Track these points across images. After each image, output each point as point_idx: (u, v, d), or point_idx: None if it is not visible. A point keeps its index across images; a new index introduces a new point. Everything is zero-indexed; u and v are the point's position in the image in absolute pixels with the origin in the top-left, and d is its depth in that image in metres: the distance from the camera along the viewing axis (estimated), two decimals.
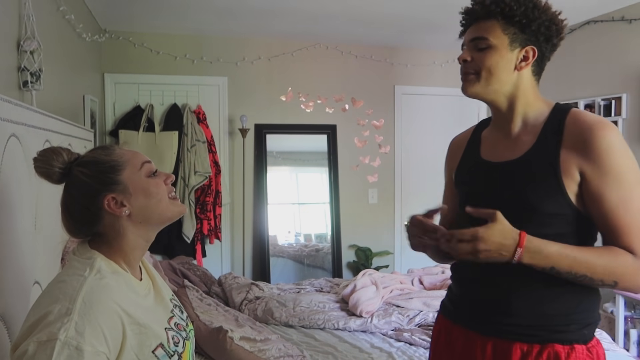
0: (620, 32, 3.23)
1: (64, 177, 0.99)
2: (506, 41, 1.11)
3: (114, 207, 0.97)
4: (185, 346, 1.02)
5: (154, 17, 3.37)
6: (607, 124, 1.05)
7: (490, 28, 1.11)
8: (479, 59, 1.12)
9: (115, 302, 0.89)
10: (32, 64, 1.83)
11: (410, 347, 2.29)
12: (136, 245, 1.01)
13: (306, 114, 4.09)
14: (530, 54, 1.12)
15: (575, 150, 1.06)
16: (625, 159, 1.04)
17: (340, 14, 3.31)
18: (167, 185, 1.04)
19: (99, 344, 0.83)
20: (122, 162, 1.00)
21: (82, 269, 0.92)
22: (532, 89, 1.15)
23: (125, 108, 3.71)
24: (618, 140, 1.04)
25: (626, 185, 1.03)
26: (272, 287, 3.01)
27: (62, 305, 0.84)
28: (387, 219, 4.30)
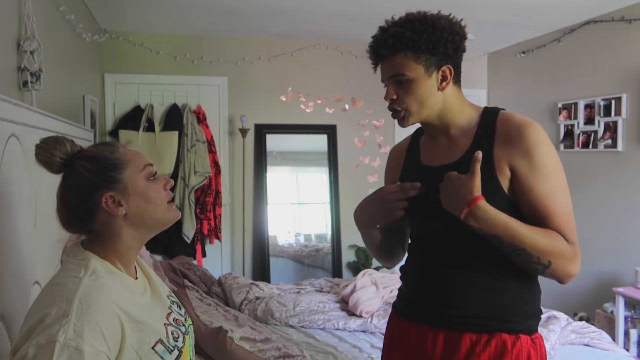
0: (620, 32, 3.23)
1: (64, 167, 0.98)
2: (422, 70, 1.14)
3: (111, 205, 0.96)
4: (185, 341, 1.03)
5: (154, 17, 3.37)
6: (533, 122, 1.13)
7: (402, 63, 1.14)
8: (404, 95, 1.16)
9: (112, 302, 0.88)
10: (32, 64, 1.83)
11: None
12: (130, 245, 1.00)
13: (306, 114, 4.08)
14: (447, 72, 1.15)
15: (506, 148, 1.13)
16: (550, 154, 1.12)
17: (340, 14, 3.31)
18: (166, 191, 1.03)
19: (98, 344, 0.83)
20: (125, 161, 0.99)
21: (77, 270, 0.92)
22: (458, 97, 1.20)
23: (125, 108, 3.71)
24: (544, 137, 1.12)
25: (553, 177, 1.11)
26: (272, 287, 3.01)
27: (59, 308, 0.84)
28: None
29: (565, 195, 1.12)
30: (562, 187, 1.12)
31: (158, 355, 0.93)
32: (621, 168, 3.16)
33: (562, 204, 1.11)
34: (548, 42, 3.74)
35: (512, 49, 4.14)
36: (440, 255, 1.20)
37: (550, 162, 1.11)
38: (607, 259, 3.31)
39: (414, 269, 1.28)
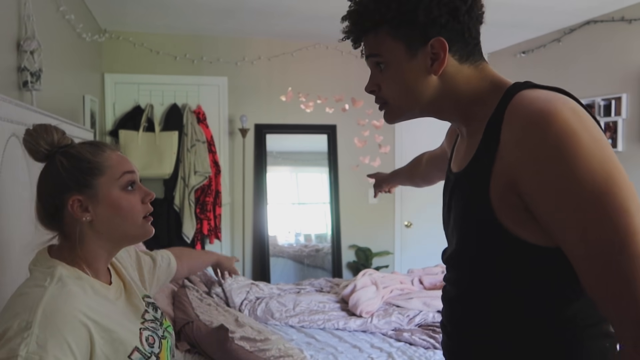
0: (620, 32, 3.23)
1: (46, 158, 0.95)
2: (402, 49, 0.84)
3: (76, 209, 0.92)
4: (162, 345, 1.00)
5: (154, 17, 3.37)
6: (550, 112, 0.72)
7: (375, 42, 0.87)
8: (383, 85, 0.89)
9: (79, 310, 0.85)
10: (32, 64, 1.83)
11: (410, 347, 2.29)
12: (97, 255, 0.96)
13: (306, 114, 4.08)
14: (438, 49, 0.82)
15: (507, 157, 0.77)
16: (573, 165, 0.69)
17: (340, 14, 3.31)
18: (144, 204, 0.98)
19: (63, 355, 0.79)
20: (104, 167, 0.95)
21: (43, 279, 0.88)
22: (470, 79, 0.86)
23: (125, 108, 3.71)
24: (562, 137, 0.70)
25: (571, 206, 0.70)
26: (272, 287, 3.01)
27: (22, 319, 0.80)
28: (387, 219, 4.30)
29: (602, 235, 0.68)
30: (596, 224, 0.69)
31: None
32: None
33: (595, 256, 0.69)
34: (548, 42, 3.74)
35: (512, 49, 4.14)
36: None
37: (567, 179, 0.70)
38: None
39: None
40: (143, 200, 0.99)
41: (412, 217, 4.32)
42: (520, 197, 0.75)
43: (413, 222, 4.31)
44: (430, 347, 2.27)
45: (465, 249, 0.88)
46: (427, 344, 2.29)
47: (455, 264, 0.93)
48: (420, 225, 4.31)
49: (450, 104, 0.87)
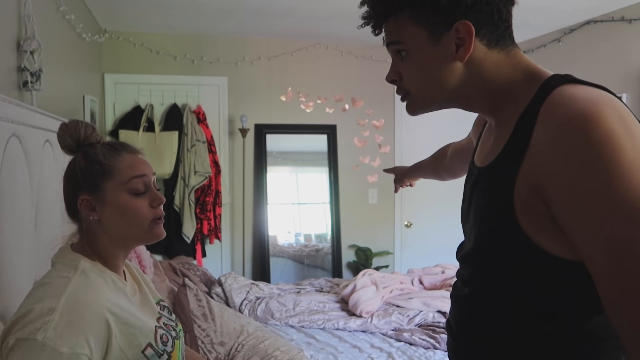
0: (620, 32, 3.23)
1: (72, 153, 0.99)
2: (425, 34, 0.77)
3: (84, 208, 0.96)
4: (175, 345, 1.01)
5: (154, 17, 3.37)
6: (593, 114, 0.65)
7: (395, 28, 0.80)
8: (405, 74, 0.83)
9: (100, 303, 0.87)
10: (32, 64, 1.83)
11: (410, 347, 2.29)
12: (111, 252, 0.99)
13: (306, 114, 4.08)
14: (464, 33, 0.75)
15: (537, 159, 0.70)
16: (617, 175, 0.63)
17: (340, 14, 3.31)
18: (154, 208, 0.99)
19: (78, 346, 0.82)
20: (114, 170, 0.97)
21: (67, 271, 0.91)
22: (501, 66, 0.78)
23: (125, 108, 3.71)
24: (606, 144, 0.63)
25: (608, 222, 0.64)
26: (272, 287, 3.01)
27: (44, 304, 0.83)
28: (387, 219, 4.30)
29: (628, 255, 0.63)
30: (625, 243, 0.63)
31: (147, 358, 0.92)
32: None
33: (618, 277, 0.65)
34: (548, 42, 3.74)
35: None
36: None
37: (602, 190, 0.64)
38: None
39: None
40: (152, 205, 0.99)
41: (412, 217, 4.32)
42: (546, 204, 0.70)
43: (413, 222, 4.31)
44: (430, 347, 2.27)
45: (482, 248, 0.83)
46: (427, 344, 2.29)
47: (470, 262, 0.88)
48: (420, 225, 4.31)
49: (478, 93, 0.80)
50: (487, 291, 0.84)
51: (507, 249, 0.77)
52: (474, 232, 0.86)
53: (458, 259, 0.94)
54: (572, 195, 0.66)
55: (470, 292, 0.89)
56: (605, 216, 0.65)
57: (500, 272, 0.81)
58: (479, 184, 0.85)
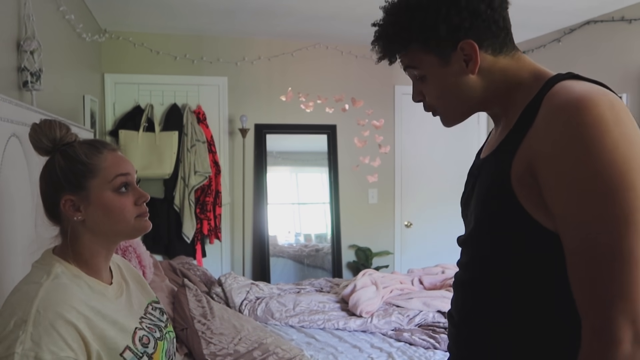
0: (620, 32, 3.23)
1: (48, 154, 0.97)
2: (435, 59, 0.86)
3: (68, 208, 0.94)
4: (157, 347, 1.00)
5: (154, 17, 3.37)
6: (585, 101, 0.71)
7: (412, 56, 0.89)
8: (427, 93, 0.92)
9: (70, 306, 0.86)
10: (32, 64, 1.83)
11: (410, 347, 2.29)
12: (94, 252, 0.97)
13: (306, 114, 4.08)
14: (469, 51, 0.84)
15: (533, 142, 0.77)
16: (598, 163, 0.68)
17: (340, 14, 3.31)
18: (138, 206, 0.98)
19: (59, 350, 0.81)
20: (97, 169, 0.95)
21: (39, 276, 0.90)
22: (507, 70, 0.87)
23: (125, 108, 3.71)
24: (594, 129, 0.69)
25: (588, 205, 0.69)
26: (272, 287, 3.01)
27: (17, 317, 0.82)
28: (387, 219, 4.30)
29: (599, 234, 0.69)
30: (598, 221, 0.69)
31: None
32: None
33: (584, 253, 0.70)
34: (548, 42, 3.74)
35: None
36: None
37: (584, 168, 0.69)
38: None
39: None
40: (136, 202, 0.98)
41: (412, 217, 4.32)
42: (535, 179, 0.75)
43: (413, 222, 4.31)
44: (430, 347, 2.27)
45: (483, 227, 0.87)
46: (427, 344, 2.29)
47: (471, 244, 0.92)
48: (420, 225, 4.31)
49: (493, 96, 0.88)
50: (486, 273, 0.87)
51: (506, 224, 0.81)
52: (474, 215, 0.89)
53: (459, 244, 0.97)
54: (555, 170, 0.72)
55: (470, 276, 0.91)
56: (580, 193, 0.70)
57: (500, 250, 0.84)
58: (482, 171, 0.90)
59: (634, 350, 0.67)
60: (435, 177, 4.29)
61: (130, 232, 1.00)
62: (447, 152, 4.27)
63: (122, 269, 1.11)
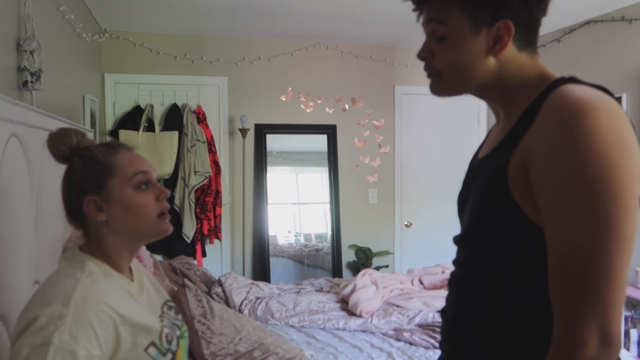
0: (620, 32, 3.23)
1: (66, 160, 0.99)
2: (468, 24, 0.82)
3: (91, 209, 0.96)
4: (180, 345, 1.02)
5: (154, 17, 3.37)
6: (583, 108, 0.71)
7: (442, 9, 0.84)
8: (439, 53, 0.86)
9: (107, 305, 0.88)
10: (32, 64, 1.83)
11: (410, 347, 2.29)
12: (118, 252, 0.99)
13: (306, 114, 4.08)
14: (504, 32, 0.81)
15: (530, 142, 0.77)
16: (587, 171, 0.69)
17: (340, 14, 3.32)
18: (159, 202, 1.00)
19: (92, 347, 0.82)
20: (116, 167, 0.97)
21: (73, 272, 0.91)
22: (523, 68, 0.86)
23: (125, 108, 3.71)
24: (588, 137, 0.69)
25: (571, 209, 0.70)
26: (272, 287, 3.01)
27: (55, 308, 0.83)
28: (387, 219, 4.30)
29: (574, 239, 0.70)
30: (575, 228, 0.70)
31: (151, 357, 0.93)
32: None
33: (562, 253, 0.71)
34: (548, 42, 3.74)
35: None
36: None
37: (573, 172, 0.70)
38: None
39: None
40: (157, 198, 1.00)
41: (412, 217, 4.32)
42: (529, 179, 0.76)
43: (413, 222, 4.31)
44: (430, 347, 2.27)
45: (479, 228, 0.87)
46: (427, 344, 2.29)
47: (466, 243, 0.92)
48: (420, 225, 4.31)
49: (496, 87, 0.87)
50: (482, 271, 0.87)
51: (503, 224, 0.81)
52: (470, 214, 0.90)
53: (455, 243, 0.97)
54: (545, 171, 0.73)
55: (466, 275, 0.91)
56: (566, 195, 0.70)
57: (496, 249, 0.84)
58: (480, 171, 0.90)
59: (598, 353, 0.68)
60: (435, 177, 4.29)
61: (152, 232, 1.00)
62: (447, 152, 4.26)
63: (140, 269, 1.13)
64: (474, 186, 0.90)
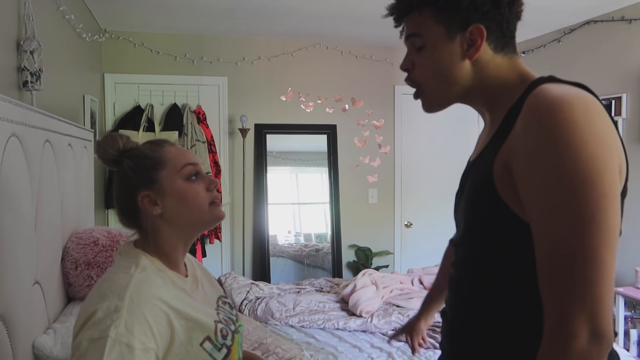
0: (620, 32, 3.23)
1: (115, 164, 1.02)
2: (442, 31, 0.87)
3: (146, 204, 0.98)
4: (234, 339, 1.03)
5: (154, 17, 3.37)
6: (561, 105, 0.73)
7: (418, 22, 0.89)
8: (418, 65, 0.91)
9: (161, 299, 0.90)
10: (32, 64, 1.83)
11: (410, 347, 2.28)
12: (174, 245, 1.01)
13: (306, 114, 4.09)
14: (476, 35, 0.85)
15: (512, 142, 0.79)
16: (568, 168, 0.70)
17: (340, 14, 3.32)
18: (210, 192, 1.03)
19: (147, 341, 0.84)
20: (165, 160, 1.00)
21: (128, 267, 0.94)
22: (501, 69, 0.89)
23: (125, 108, 3.71)
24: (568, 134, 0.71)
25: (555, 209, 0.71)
26: (272, 287, 3.01)
27: (111, 303, 0.85)
28: (387, 219, 4.30)
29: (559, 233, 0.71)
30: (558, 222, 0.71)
31: (206, 352, 0.94)
32: None
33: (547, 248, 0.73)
34: (548, 42, 3.74)
35: None
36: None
37: (552, 167, 0.71)
38: None
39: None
40: (208, 188, 1.03)
41: (412, 217, 4.32)
42: (511, 175, 0.78)
43: (413, 222, 4.31)
44: (430, 347, 2.27)
45: (473, 230, 0.90)
46: (427, 344, 2.29)
47: (462, 245, 0.94)
48: (420, 225, 4.31)
49: (479, 90, 0.90)
50: (478, 272, 0.89)
51: (494, 225, 0.83)
52: (463, 217, 0.92)
53: (452, 245, 1.00)
54: (526, 168, 0.75)
55: (462, 275, 0.93)
56: (547, 190, 0.72)
57: (490, 250, 0.86)
58: (470, 173, 0.93)
59: (589, 347, 0.69)
60: (435, 177, 4.29)
61: (206, 220, 1.02)
62: (447, 152, 4.27)
63: (193, 263, 1.15)
64: (465, 188, 0.93)
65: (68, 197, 2.01)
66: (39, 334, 1.55)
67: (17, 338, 1.34)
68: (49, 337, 1.55)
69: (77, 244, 1.91)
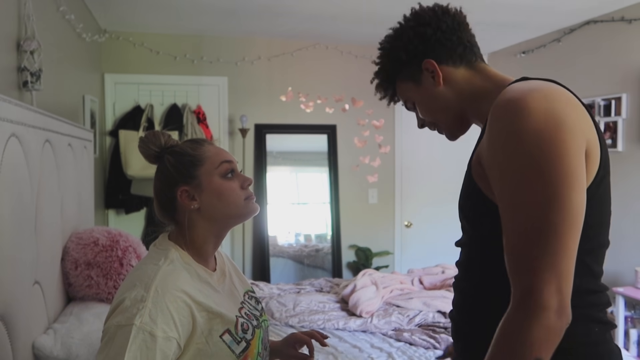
0: (620, 32, 3.23)
1: (157, 159, 1.08)
2: (412, 83, 1.03)
3: (185, 198, 1.03)
4: (255, 334, 1.06)
5: (154, 17, 3.37)
6: (515, 99, 0.79)
7: (400, 91, 1.07)
8: (422, 115, 1.07)
9: (184, 292, 0.94)
10: (32, 64, 1.83)
11: (410, 347, 2.29)
12: (206, 239, 1.06)
13: (306, 114, 4.09)
14: (431, 67, 0.99)
15: (482, 144, 0.88)
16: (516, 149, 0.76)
17: (340, 14, 3.32)
18: (244, 189, 1.08)
19: (169, 330, 0.89)
20: (203, 158, 1.06)
21: (158, 258, 0.99)
22: (474, 80, 0.98)
23: (125, 108, 3.71)
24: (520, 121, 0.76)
25: (509, 183, 0.77)
26: (272, 287, 3.01)
27: (138, 292, 0.91)
28: (387, 219, 4.30)
29: (523, 212, 0.75)
30: (522, 200, 0.75)
31: (225, 344, 0.98)
32: (621, 168, 3.16)
33: (513, 226, 0.77)
34: (548, 42, 3.74)
35: (512, 49, 4.14)
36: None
37: (510, 159, 0.77)
38: (606, 259, 3.30)
39: None
40: (242, 186, 1.08)
41: (412, 217, 4.32)
42: (482, 167, 0.85)
43: (413, 222, 4.31)
44: (430, 347, 2.26)
45: (469, 232, 0.95)
46: (427, 344, 2.29)
47: (463, 246, 0.99)
48: (420, 225, 4.31)
49: (467, 106, 1.00)
50: (476, 272, 0.93)
51: (485, 225, 0.87)
52: (459, 216, 0.98)
53: (457, 246, 1.04)
54: (490, 157, 0.82)
55: (466, 276, 0.98)
56: (508, 173, 0.77)
57: (486, 250, 0.89)
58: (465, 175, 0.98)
59: (558, 320, 0.71)
60: (435, 177, 4.29)
61: (241, 213, 1.08)
62: (447, 152, 4.26)
63: (224, 258, 1.20)
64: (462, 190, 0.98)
65: (68, 197, 2.01)
66: (38, 334, 1.55)
67: (17, 338, 1.34)
68: (49, 337, 1.55)
69: (77, 244, 1.91)
